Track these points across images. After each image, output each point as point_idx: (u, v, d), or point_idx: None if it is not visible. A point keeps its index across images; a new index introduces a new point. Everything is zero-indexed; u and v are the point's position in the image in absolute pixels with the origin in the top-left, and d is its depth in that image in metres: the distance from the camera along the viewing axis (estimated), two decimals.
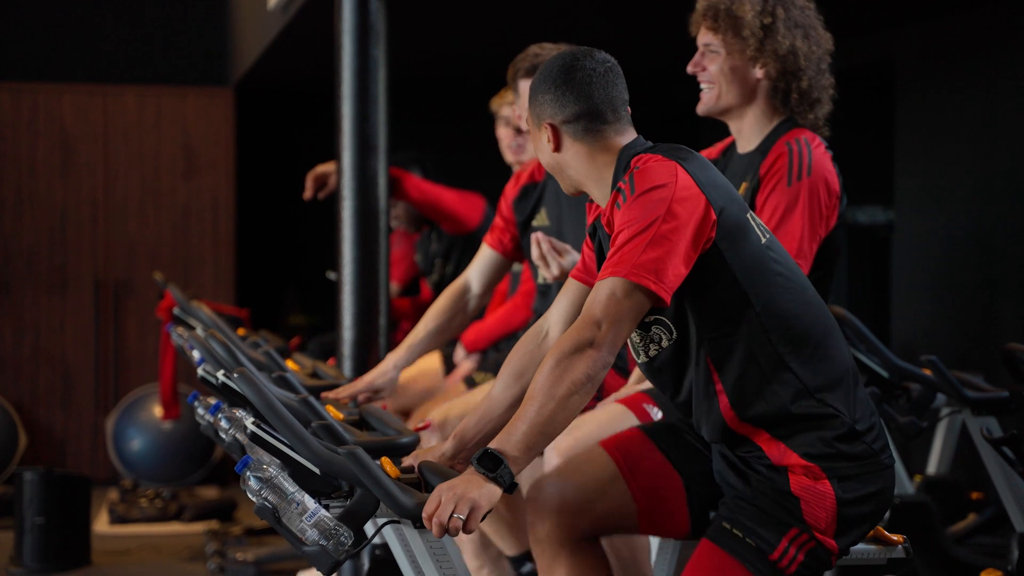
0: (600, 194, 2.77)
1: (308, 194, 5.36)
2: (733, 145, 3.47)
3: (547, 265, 3.54)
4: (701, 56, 3.40)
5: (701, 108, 3.43)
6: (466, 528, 2.38)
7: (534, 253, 3.56)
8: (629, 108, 2.80)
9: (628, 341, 2.80)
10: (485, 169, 5.39)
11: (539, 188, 4.11)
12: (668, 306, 2.59)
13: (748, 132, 3.40)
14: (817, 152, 3.27)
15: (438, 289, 6.06)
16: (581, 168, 2.77)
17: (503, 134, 4.70)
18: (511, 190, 4.19)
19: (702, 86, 3.40)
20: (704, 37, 3.39)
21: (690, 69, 3.41)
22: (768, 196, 3.22)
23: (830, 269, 3.32)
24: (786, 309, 2.65)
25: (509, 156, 4.67)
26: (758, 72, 3.34)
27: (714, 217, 2.59)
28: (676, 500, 2.91)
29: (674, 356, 2.71)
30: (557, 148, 2.77)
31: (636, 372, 3.58)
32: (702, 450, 2.89)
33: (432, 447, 2.84)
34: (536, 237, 3.56)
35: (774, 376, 2.63)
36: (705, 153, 3.51)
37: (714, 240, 2.60)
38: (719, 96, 3.37)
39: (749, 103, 3.37)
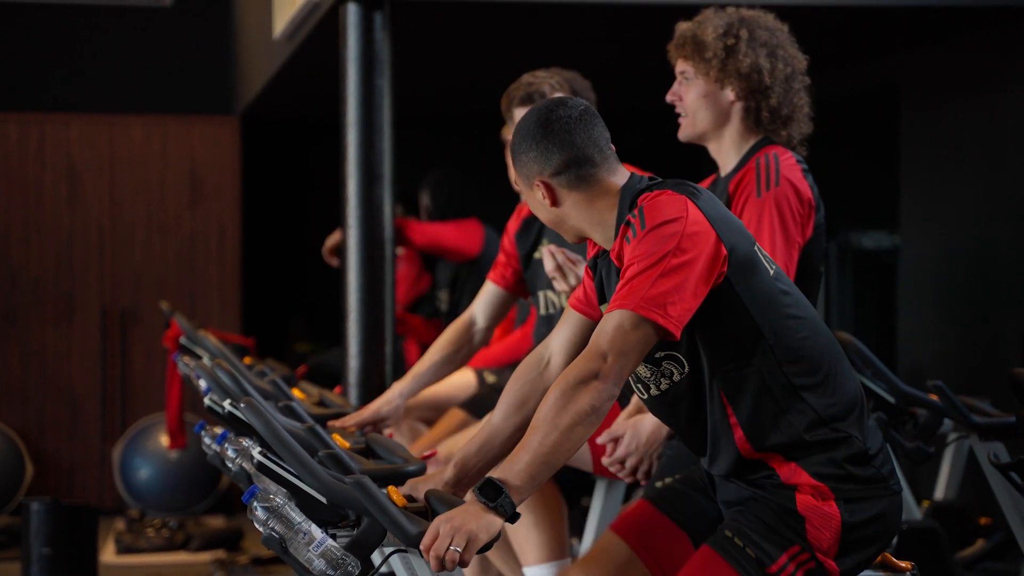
0: (604, 236, 2.75)
1: (337, 263, 5.43)
2: (718, 176, 3.50)
3: (563, 275, 3.55)
4: (678, 85, 3.44)
5: (681, 135, 3.48)
6: (463, 561, 2.38)
7: (548, 266, 3.57)
8: (613, 146, 2.79)
9: (634, 376, 2.79)
10: (490, 197, 5.41)
11: (540, 220, 4.12)
12: (678, 340, 2.58)
13: (726, 155, 3.44)
14: (785, 164, 3.29)
15: (446, 318, 6.08)
16: (582, 216, 2.75)
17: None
18: (513, 224, 4.20)
19: (679, 114, 3.44)
20: (679, 66, 3.44)
21: (668, 98, 3.46)
22: (740, 213, 3.24)
23: (815, 283, 3.33)
24: (798, 339, 2.65)
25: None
26: (729, 94, 3.38)
27: (725, 253, 2.59)
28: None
29: (686, 391, 2.71)
30: (554, 203, 2.74)
31: (634, 402, 3.57)
32: (707, 504, 2.88)
33: (432, 475, 2.84)
34: (549, 250, 3.57)
35: (789, 407, 2.64)
36: None
37: (726, 275, 2.60)
38: (694, 122, 3.42)
39: (724, 126, 3.41)
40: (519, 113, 3.93)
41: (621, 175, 2.75)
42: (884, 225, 7.37)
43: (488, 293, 4.09)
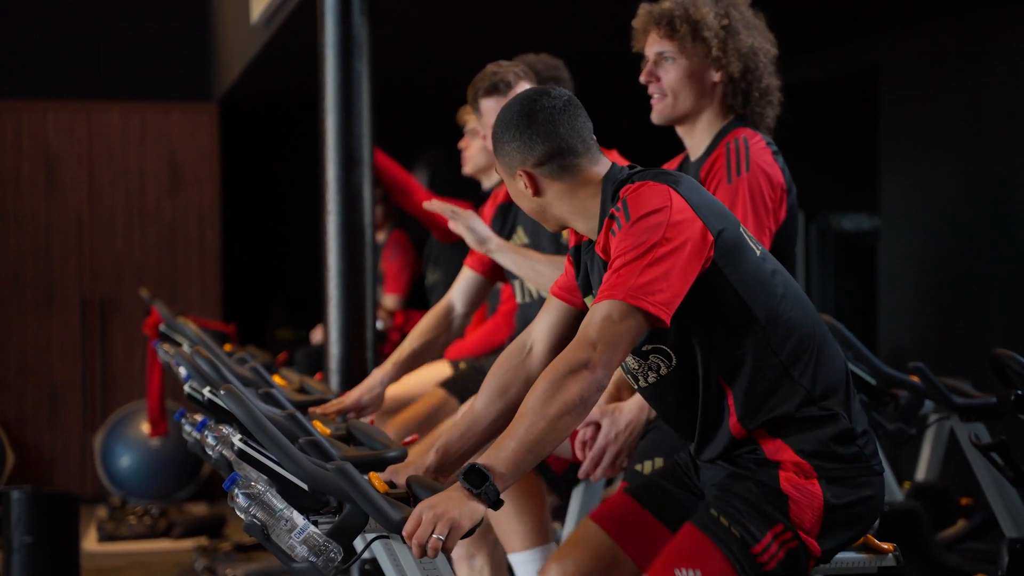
0: (587, 227, 2.75)
1: None
2: (687, 157, 3.48)
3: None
4: (655, 66, 3.39)
5: (657, 117, 3.43)
6: (445, 548, 2.38)
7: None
8: (595, 137, 2.78)
9: (623, 367, 2.79)
10: (469, 181, 5.41)
11: (515, 207, 4.12)
12: (668, 328, 2.58)
13: (699, 138, 3.41)
14: (755, 148, 3.28)
15: (428, 293, 6.12)
16: (564, 206, 2.75)
17: (464, 146, 4.76)
18: (488, 210, 4.20)
19: (653, 95, 3.40)
20: (656, 46, 3.39)
21: (643, 79, 3.41)
22: None
23: (791, 264, 3.33)
24: (787, 319, 2.66)
25: (467, 168, 4.73)
26: (715, 75, 3.36)
27: (711, 239, 2.59)
28: None
29: (674, 383, 2.71)
30: (536, 192, 2.74)
31: (613, 381, 3.56)
32: (688, 500, 2.85)
33: (413, 461, 2.83)
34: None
35: (779, 386, 2.65)
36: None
37: (713, 260, 2.60)
38: (675, 104, 3.38)
39: (704, 108, 3.39)
40: (485, 104, 3.93)
41: (603, 165, 2.75)
42: (864, 207, 7.37)
43: (465, 279, 4.09)
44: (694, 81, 3.37)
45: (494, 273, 4.12)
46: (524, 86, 3.85)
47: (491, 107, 3.91)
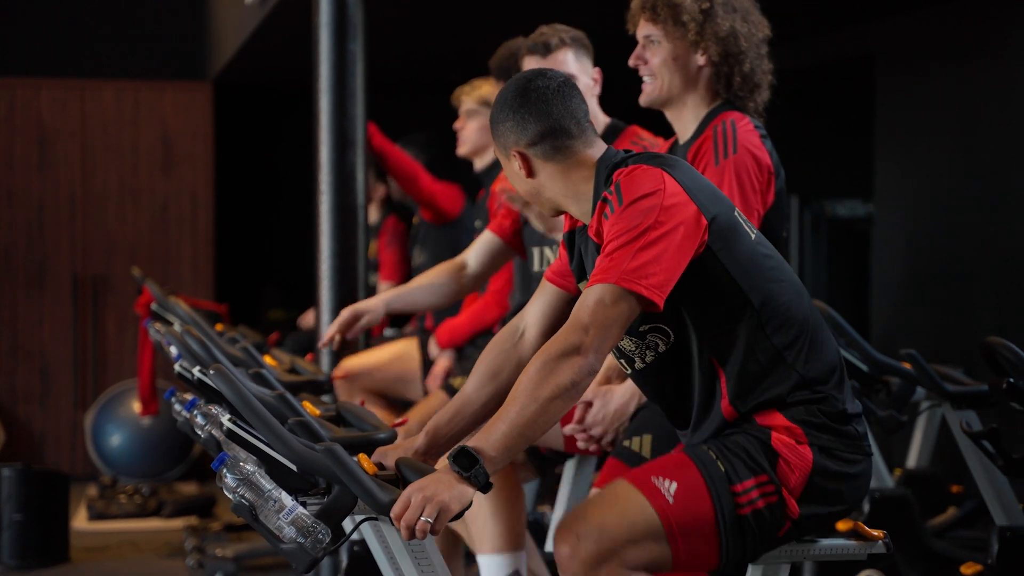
0: (580, 210, 2.75)
1: None
2: (677, 141, 3.48)
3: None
4: (642, 48, 3.40)
5: (644, 99, 3.43)
6: (434, 530, 2.37)
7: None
8: (591, 121, 2.77)
9: (617, 351, 2.78)
10: (463, 163, 5.40)
11: None
12: (661, 311, 2.57)
13: (687, 121, 3.41)
14: (743, 130, 3.27)
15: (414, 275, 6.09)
16: (557, 188, 2.75)
17: (460, 127, 4.74)
18: (494, 189, 4.18)
19: (644, 78, 3.41)
20: (644, 29, 3.39)
21: (632, 62, 3.42)
22: None
23: (779, 250, 3.32)
24: (781, 303, 2.65)
25: (463, 149, 4.72)
26: (700, 59, 3.35)
27: (705, 223, 2.59)
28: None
29: (671, 362, 2.70)
30: (530, 174, 2.74)
31: (606, 366, 3.55)
32: None
33: (403, 443, 2.82)
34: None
35: (772, 370, 2.64)
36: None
37: (708, 244, 2.60)
38: (661, 87, 3.38)
39: (690, 91, 3.38)
40: (527, 63, 3.88)
41: (597, 148, 2.75)
42: (858, 193, 7.37)
43: (483, 241, 4.06)
44: (678, 65, 3.37)
45: (514, 241, 4.09)
46: (563, 53, 3.83)
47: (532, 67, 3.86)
